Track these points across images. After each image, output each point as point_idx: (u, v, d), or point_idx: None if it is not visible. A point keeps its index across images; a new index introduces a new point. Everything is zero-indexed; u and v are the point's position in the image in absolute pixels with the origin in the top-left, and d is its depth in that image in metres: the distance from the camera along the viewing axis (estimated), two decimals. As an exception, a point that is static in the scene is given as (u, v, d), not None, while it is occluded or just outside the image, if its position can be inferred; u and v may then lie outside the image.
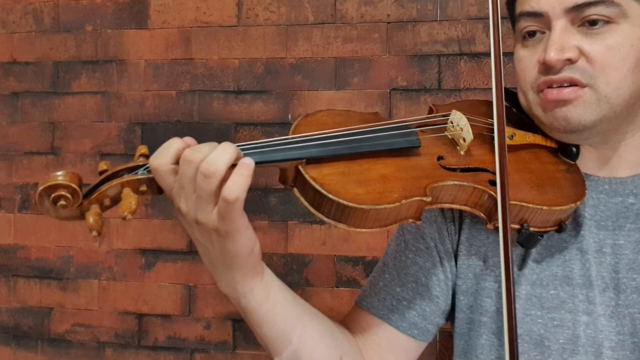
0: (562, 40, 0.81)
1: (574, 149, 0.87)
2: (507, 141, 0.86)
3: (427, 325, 0.94)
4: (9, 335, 1.85)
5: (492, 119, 0.90)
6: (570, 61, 0.81)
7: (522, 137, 0.88)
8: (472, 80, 1.61)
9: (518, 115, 0.91)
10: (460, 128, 0.83)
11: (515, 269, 0.89)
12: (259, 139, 1.88)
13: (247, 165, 0.68)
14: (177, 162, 0.70)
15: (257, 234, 0.74)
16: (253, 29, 1.73)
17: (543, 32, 0.85)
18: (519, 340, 0.86)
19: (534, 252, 0.88)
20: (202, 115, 1.75)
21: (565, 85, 0.82)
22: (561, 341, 0.84)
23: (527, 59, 0.87)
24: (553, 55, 0.80)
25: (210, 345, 1.73)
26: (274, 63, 1.71)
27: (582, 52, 0.81)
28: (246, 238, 0.71)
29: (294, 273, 1.68)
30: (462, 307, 0.93)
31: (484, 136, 0.86)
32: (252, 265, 0.75)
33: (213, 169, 0.67)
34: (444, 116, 0.87)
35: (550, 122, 0.85)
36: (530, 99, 0.87)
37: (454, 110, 0.86)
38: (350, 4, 1.67)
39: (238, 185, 0.67)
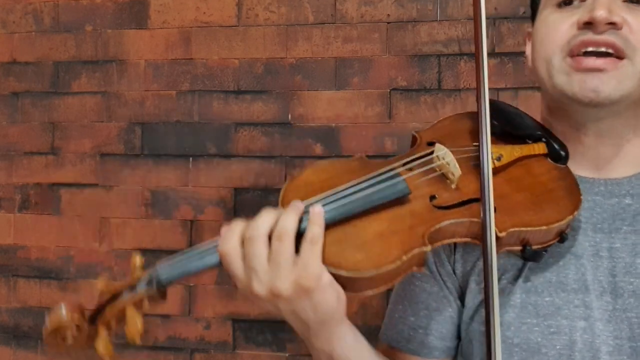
0: (610, 4, 0.80)
1: (562, 153, 0.86)
2: (496, 163, 0.83)
3: (446, 343, 0.94)
4: (9, 335, 1.85)
5: (476, 137, 0.86)
6: (615, 25, 0.79)
7: (509, 154, 0.85)
8: (472, 80, 1.61)
9: (500, 128, 0.88)
10: (447, 163, 0.81)
11: (511, 278, 0.88)
12: (259, 139, 1.87)
13: (319, 210, 0.70)
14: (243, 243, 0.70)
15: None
16: (253, 29, 1.72)
17: (582, 1, 0.83)
18: (516, 349, 0.85)
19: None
20: (202, 115, 1.75)
21: (602, 50, 0.80)
22: (558, 347, 0.83)
23: (561, 21, 0.84)
24: (602, 13, 0.78)
25: (210, 345, 1.73)
26: (274, 63, 1.71)
27: (626, 22, 0.80)
28: (330, 284, 0.70)
29: (294, 273, 1.68)
30: (475, 334, 0.92)
31: (472, 165, 0.83)
32: (342, 312, 0.75)
33: (284, 230, 0.68)
34: (428, 154, 0.84)
35: (575, 90, 0.82)
36: (554, 64, 0.84)
37: (437, 145, 0.83)
38: (350, 4, 1.67)
39: (318, 226, 0.69)
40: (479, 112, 0.79)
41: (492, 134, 0.85)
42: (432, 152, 0.83)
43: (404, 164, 0.82)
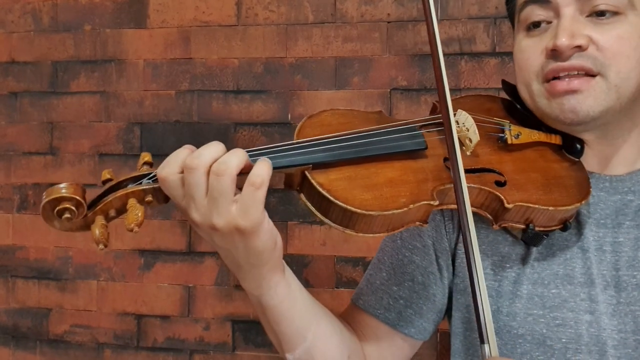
0: (573, 26, 0.80)
1: (578, 146, 0.87)
2: (514, 140, 0.86)
3: (424, 323, 0.94)
4: (8, 336, 1.85)
5: (498, 116, 0.89)
6: (580, 48, 0.80)
7: (528, 135, 0.87)
8: (473, 79, 1.60)
9: (523, 113, 0.90)
10: (467, 128, 0.82)
11: (516, 268, 0.88)
12: (258, 139, 1.86)
13: (267, 160, 0.69)
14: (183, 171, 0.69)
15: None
16: (252, 28, 1.72)
17: (549, 22, 0.84)
18: (520, 340, 0.85)
19: (535, 251, 0.88)
20: (202, 115, 1.74)
21: (574, 74, 0.81)
22: (564, 340, 0.84)
23: (532, 48, 0.85)
24: (564, 41, 0.79)
25: (209, 346, 1.73)
26: (274, 63, 1.71)
27: (592, 41, 0.80)
28: (269, 232, 0.71)
29: (294, 273, 1.67)
30: (459, 306, 0.93)
31: (489, 136, 0.86)
32: (277, 259, 0.74)
33: (224, 167, 0.66)
34: None
35: (556, 114, 0.83)
36: (534, 90, 0.86)
37: (459, 110, 0.85)
38: (350, 3, 1.67)
39: (263, 170, 0.67)
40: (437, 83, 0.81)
41: (515, 117, 0.90)
42: (453, 115, 0.85)
43: (423, 125, 0.84)
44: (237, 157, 0.67)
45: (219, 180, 0.66)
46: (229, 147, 1.72)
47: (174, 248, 1.75)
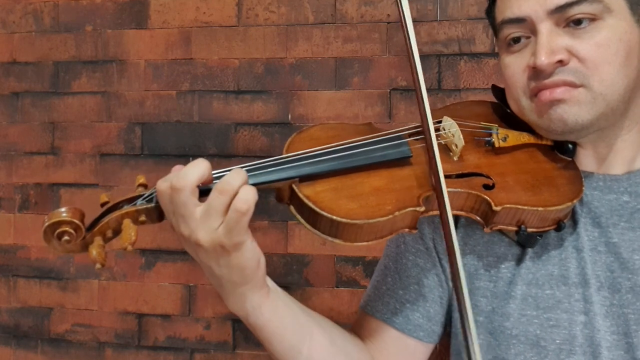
0: (551, 42, 0.79)
1: (570, 146, 0.87)
2: (501, 143, 0.85)
3: (432, 326, 0.94)
4: (9, 335, 1.85)
5: (487, 120, 0.89)
6: (561, 63, 0.79)
7: (516, 137, 0.87)
8: (472, 80, 1.61)
9: (512, 116, 0.90)
10: (452, 134, 0.83)
11: (511, 268, 0.89)
12: (259, 139, 1.87)
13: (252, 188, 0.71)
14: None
15: (257, 234, 0.75)
16: (253, 29, 1.73)
17: (528, 37, 0.83)
18: (514, 341, 0.86)
19: (530, 251, 0.87)
20: (202, 115, 1.75)
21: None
22: (557, 341, 0.84)
23: (515, 65, 0.85)
24: (544, 60, 0.78)
25: (210, 345, 1.73)
26: (274, 63, 1.71)
27: (572, 53, 0.79)
28: (251, 251, 0.72)
29: (294, 273, 1.68)
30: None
31: (476, 140, 0.86)
32: (260, 279, 0.75)
33: (229, 187, 0.69)
34: (435, 123, 0.86)
35: (547, 125, 0.83)
36: (524, 105, 0.86)
37: (445, 117, 0.85)
38: (350, 4, 1.67)
39: (250, 196, 0.69)
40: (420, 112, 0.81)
41: (503, 120, 0.90)
42: (439, 122, 0.86)
43: (410, 133, 0.84)
44: (241, 177, 0.70)
45: (221, 198, 0.69)
46: (229, 147, 1.74)
47: (175, 247, 1.75)
